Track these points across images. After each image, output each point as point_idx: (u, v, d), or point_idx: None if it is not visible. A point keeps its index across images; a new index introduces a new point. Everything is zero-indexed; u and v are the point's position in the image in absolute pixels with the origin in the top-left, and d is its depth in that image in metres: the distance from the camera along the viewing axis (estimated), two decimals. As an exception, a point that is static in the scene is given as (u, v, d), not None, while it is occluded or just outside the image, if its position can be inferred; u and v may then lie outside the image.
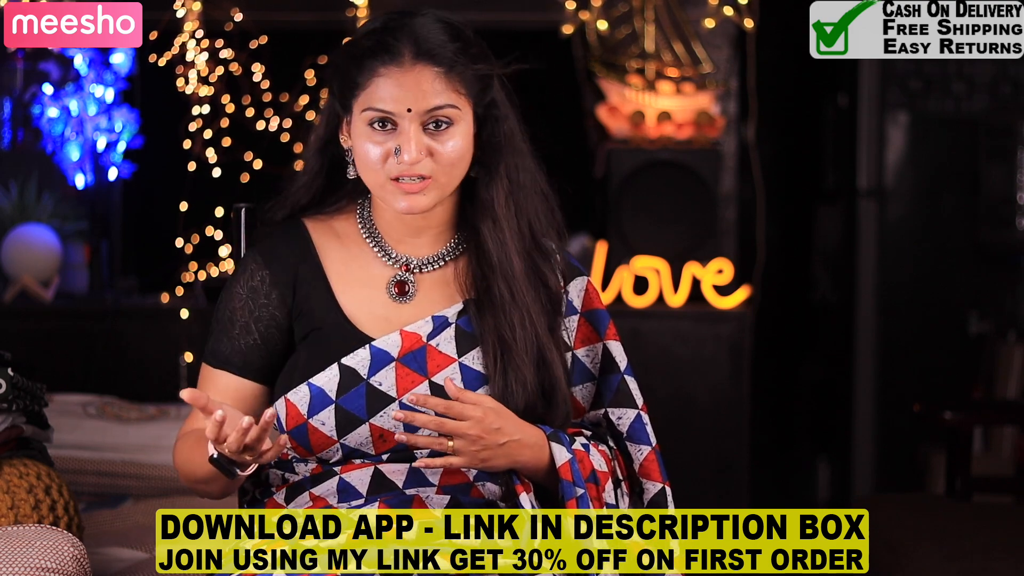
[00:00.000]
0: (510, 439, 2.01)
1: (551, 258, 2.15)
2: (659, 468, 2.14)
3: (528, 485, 2.04)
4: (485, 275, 2.10)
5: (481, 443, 1.99)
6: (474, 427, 1.98)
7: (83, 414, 3.79)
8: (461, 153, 2.07)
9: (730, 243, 5.24)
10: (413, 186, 2.05)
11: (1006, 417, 4.15)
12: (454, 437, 2.00)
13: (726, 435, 4.89)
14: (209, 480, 2.06)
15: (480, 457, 2.01)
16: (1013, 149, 5.39)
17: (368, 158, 2.06)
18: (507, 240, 2.10)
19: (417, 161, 2.03)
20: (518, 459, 2.03)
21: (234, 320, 2.11)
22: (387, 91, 2.04)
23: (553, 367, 2.09)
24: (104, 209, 5.01)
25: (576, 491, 2.03)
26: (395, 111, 2.03)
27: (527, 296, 2.10)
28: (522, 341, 2.07)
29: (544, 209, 2.16)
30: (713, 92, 5.14)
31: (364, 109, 2.05)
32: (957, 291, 5.70)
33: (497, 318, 2.07)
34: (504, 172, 2.12)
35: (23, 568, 2.20)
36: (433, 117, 2.05)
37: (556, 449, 2.04)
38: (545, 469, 2.05)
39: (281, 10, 5.17)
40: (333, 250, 2.15)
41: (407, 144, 2.03)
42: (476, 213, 2.12)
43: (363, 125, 2.06)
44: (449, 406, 1.98)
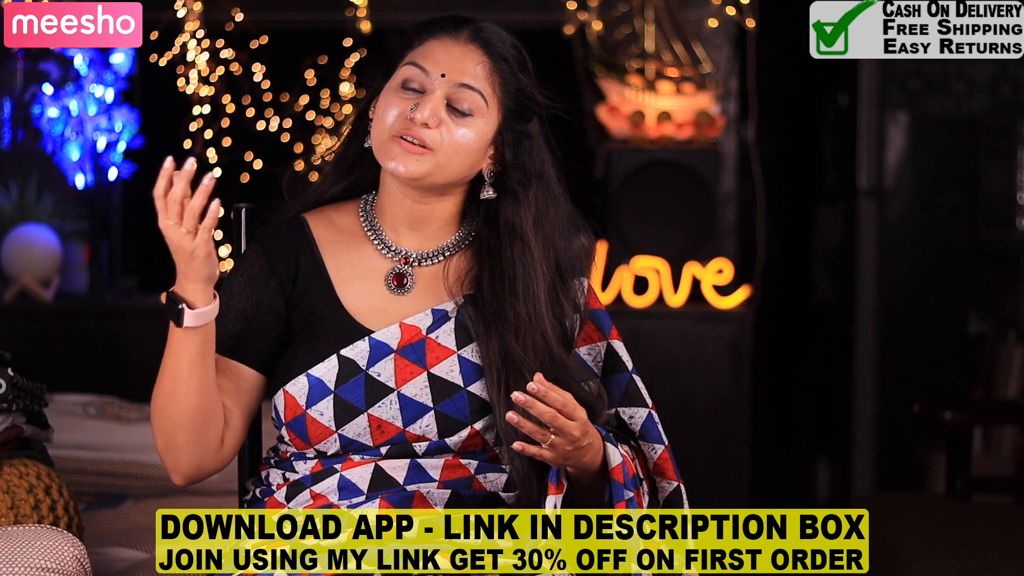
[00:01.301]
0: (588, 443, 2.01)
1: (572, 296, 2.15)
2: (673, 466, 2.14)
3: (563, 486, 2.03)
4: (499, 299, 2.09)
5: (576, 444, 1.98)
6: (578, 428, 1.97)
7: (83, 414, 3.79)
8: (469, 145, 2.09)
9: (730, 243, 5.24)
10: (411, 147, 2.07)
11: (1006, 417, 4.15)
12: (557, 433, 1.97)
13: (726, 435, 4.89)
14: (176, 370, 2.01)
15: (565, 454, 1.99)
16: (1013, 149, 5.40)
17: (386, 114, 2.09)
18: (535, 265, 2.11)
19: (426, 121, 2.06)
20: (581, 461, 2.02)
21: (230, 305, 2.12)
22: (431, 53, 2.09)
23: (572, 380, 2.08)
24: (104, 209, 5.01)
25: (626, 494, 2.02)
26: (430, 71, 2.08)
27: (546, 321, 2.09)
28: (534, 362, 2.06)
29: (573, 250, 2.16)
30: (713, 92, 5.14)
31: (405, 63, 2.10)
32: (957, 291, 5.70)
33: (505, 341, 2.07)
34: (534, 200, 2.13)
35: (23, 568, 2.21)
36: (458, 96, 2.08)
37: (611, 451, 2.04)
38: (594, 470, 2.05)
39: (281, 10, 5.17)
40: (332, 243, 2.16)
41: (425, 104, 2.07)
42: (500, 238, 2.12)
43: (395, 84, 2.10)
44: (566, 402, 1.96)
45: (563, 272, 2.15)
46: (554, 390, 1.94)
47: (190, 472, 2.08)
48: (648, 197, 5.01)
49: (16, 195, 4.83)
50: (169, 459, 2.07)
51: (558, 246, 2.15)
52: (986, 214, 5.52)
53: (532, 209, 2.13)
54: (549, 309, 2.11)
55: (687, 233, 5.02)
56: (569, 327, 2.14)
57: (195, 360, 2.02)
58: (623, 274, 4.98)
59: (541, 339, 2.08)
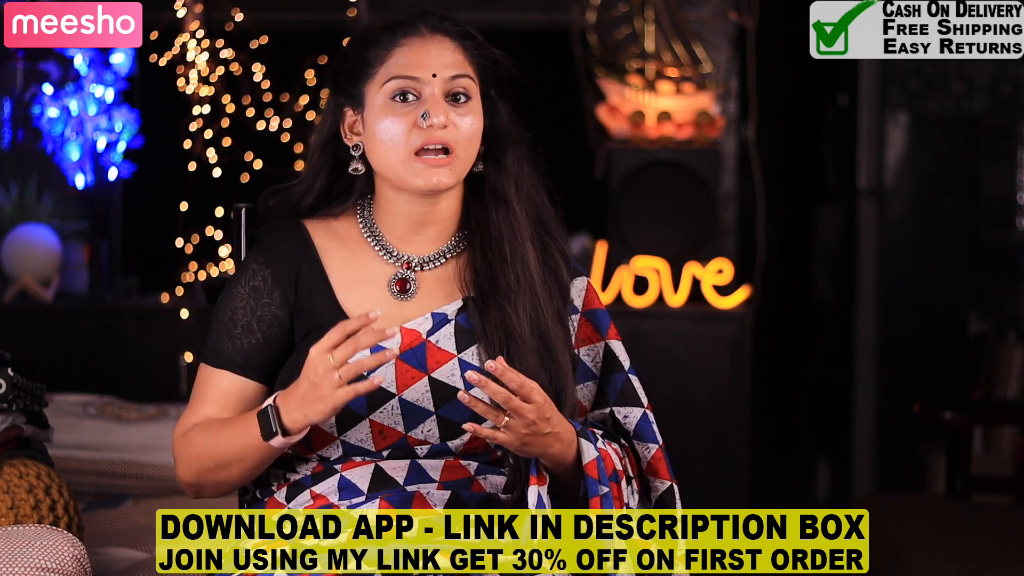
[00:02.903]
0: (552, 431, 2.00)
1: (560, 247, 2.16)
2: (667, 466, 2.14)
3: (544, 478, 2.03)
4: (491, 265, 2.10)
5: (532, 428, 1.97)
6: (533, 411, 1.96)
7: (83, 414, 3.79)
8: (477, 131, 2.10)
9: (730, 243, 5.24)
10: (438, 160, 2.06)
11: (1006, 417, 4.15)
12: (512, 415, 1.96)
13: (726, 435, 4.89)
14: (242, 457, 2.03)
15: (523, 440, 1.98)
16: (1013, 149, 5.40)
17: (391, 133, 2.07)
18: (521, 226, 2.12)
19: (444, 126, 2.06)
20: (549, 451, 2.01)
21: (236, 320, 2.11)
22: (410, 58, 2.08)
23: (558, 355, 2.09)
24: (104, 209, 5.01)
25: (601, 489, 2.02)
26: (421, 76, 2.07)
27: (537, 282, 2.10)
28: (528, 329, 2.07)
29: (548, 201, 2.18)
30: (713, 92, 5.15)
31: (387, 81, 2.07)
32: (957, 291, 5.70)
33: (503, 308, 2.07)
34: (512, 162, 2.14)
35: (23, 568, 2.21)
36: (454, 87, 2.08)
37: (585, 446, 2.04)
38: (568, 464, 2.05)
39: (281, 10, 5.17)
40: (333, 250, 2.15)
41: (435, 107, 2.06)
42: (486, 204, 2.13)
43: (384, 100, 2.08)
44: (523, 383, 1.95)
45: (547, 224, 2.16)
46: (510, 371, 1.94)
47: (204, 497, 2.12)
48: (648, 197, 5.01)
49: (16, 195, 4.83)
50: (190, 489, 2.12)
51: (538, 200, 2.16)
52: (986, 214, 5.52)
53: (513, 171, 2.14)
54: (540, 271, 2.12)
55: (687, 233, 5.02)
56: (563, 276, 2.14)
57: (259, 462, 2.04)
58: (623, 274, 4.98)
59: (532, 306, 2.08)
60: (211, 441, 2.06)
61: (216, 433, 2.06)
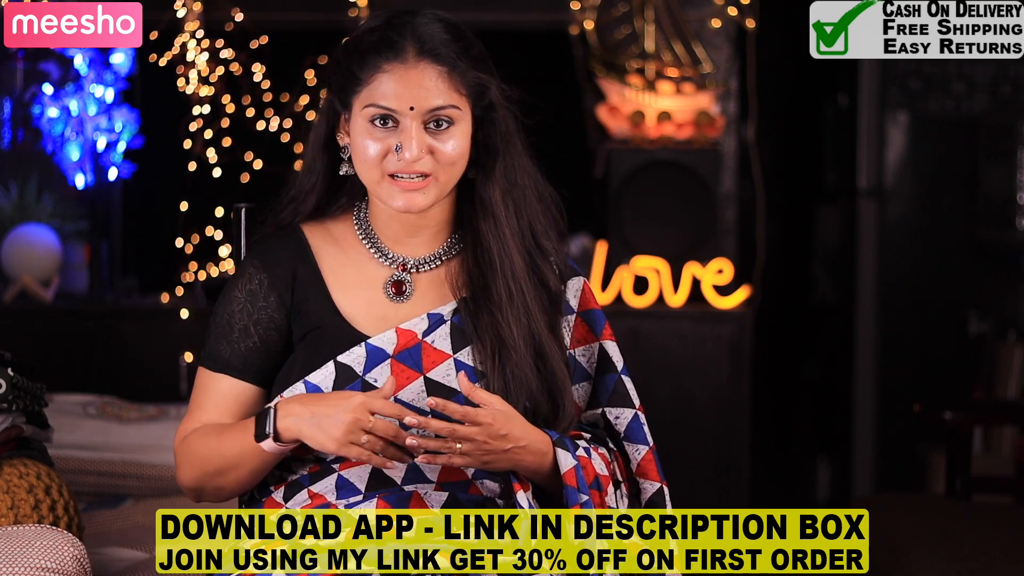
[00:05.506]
0: (515, 445, 2.00)
1: (550, 258, 2.15)
2: (656, 468, 2.14)
3: (527, 484, 2.04)
4: (483, 273, 2.10)
5: (485, 448, 1.99)
6: (481, 433, 1.98)
7: (83, 414, 3.79)
8: (460, 153, 2.07)
9: (730, 243, 5.24)
10: (412, 184, 2.05)
11: (1006, 417, 4.15)
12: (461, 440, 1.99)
13: (726, 435, 4.89)
14: (239, 462, 2.05)
15: (483, 460, 2.00)
16: (1013, 149, 5.40)
17: (367, 154, 2.06)
18: (507, 238, 2.11)
19: (418, 159, 2.04)
20: (520, 463, 2.02)
21: (233, 324, 2.12)
22: (390, 88, 2.04)
23: (554, 364, 2.09)
24: (104, 209, 5.01)
25: (580, 498, 2.02)
26: (398, 109, 2.04)
27: (527, 294, 2.10)
28: (521, 339, 2.07)
29: (543, 210, 2.16)
30: (713, 92, 5.14)
31: (366, 105, 2.05)
32: (957, 291, 5.70)
33: (494, 317, 2.08)
34: (502, 172, 2.12)
35: (23, 568, 2.21)
36: (435, 116, 2.05)
37: (561, 456, 2.04)
38: (547, 473, 2.05)
39: (281, 10, 5.17)
40: (330, 253, 2.15)
41: (408, 142, 2.04)
42: (476, 213, 2.13)
43: (364, 121, 2.06)
44: (466, 413, 1.97)
45: (536, 234, 2.14)
46: (451, 405, 1.96)
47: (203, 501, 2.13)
48: (648, 197, 5.01)
49: (16, 195, 4.83)
50: (191, 494, 2.13)
51: (531, 210, 2.14)
52: (986, 214, 5.52)
53: (501, 181, 2.12)
54: (530, 282, 2.11)
55: (687, 233, 5.02)
56: (553, 287, 2.14)
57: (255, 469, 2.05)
58: (623, 274, 4.98)
59: (524, 318, 2.08)
60: (210, 445, 2.07)
61: (216, 437, 2.07)
